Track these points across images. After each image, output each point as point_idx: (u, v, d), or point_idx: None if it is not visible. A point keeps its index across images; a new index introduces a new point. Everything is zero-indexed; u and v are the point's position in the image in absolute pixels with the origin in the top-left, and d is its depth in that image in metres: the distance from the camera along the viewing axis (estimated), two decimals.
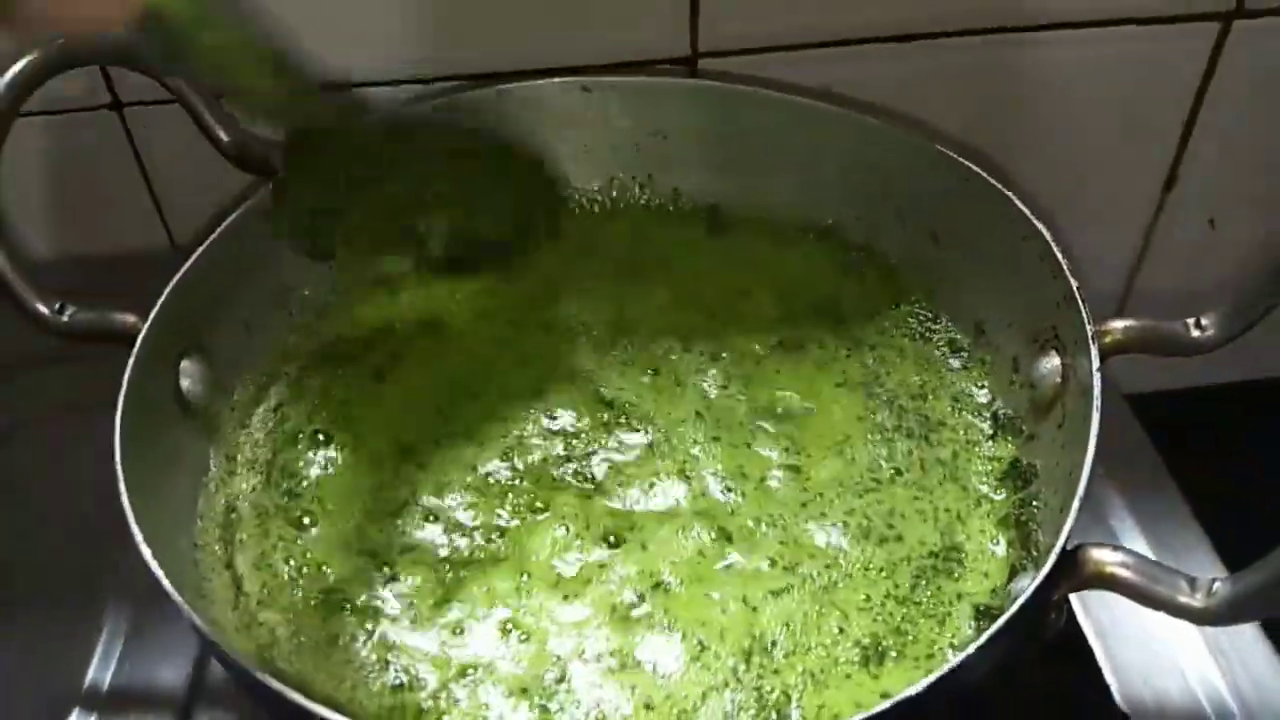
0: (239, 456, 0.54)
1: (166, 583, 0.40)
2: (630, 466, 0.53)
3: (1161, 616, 0.54)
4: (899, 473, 0.52)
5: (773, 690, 0.44)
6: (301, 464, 0.53)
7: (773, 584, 0.48)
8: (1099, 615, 0.55)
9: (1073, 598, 0.55)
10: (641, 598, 0.47)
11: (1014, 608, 0.37)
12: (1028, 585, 0.37)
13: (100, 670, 0.55)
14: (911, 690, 0.34)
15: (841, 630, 0.46)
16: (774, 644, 0.46)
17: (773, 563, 0.49)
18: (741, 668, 0.45)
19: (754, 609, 0.47)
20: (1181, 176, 0.74)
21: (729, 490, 0.52)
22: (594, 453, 0.53)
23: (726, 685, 0.44)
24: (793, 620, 0.47)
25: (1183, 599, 0.36)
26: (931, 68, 0.66)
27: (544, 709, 0.44)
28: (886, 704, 0.34)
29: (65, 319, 0.50)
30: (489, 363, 0.58)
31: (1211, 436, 0.76)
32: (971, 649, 0.35)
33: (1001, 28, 0.65)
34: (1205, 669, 0.53)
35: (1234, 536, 0.54)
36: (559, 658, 0.46)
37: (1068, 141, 0.71)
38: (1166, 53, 0.67)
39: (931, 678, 0.34)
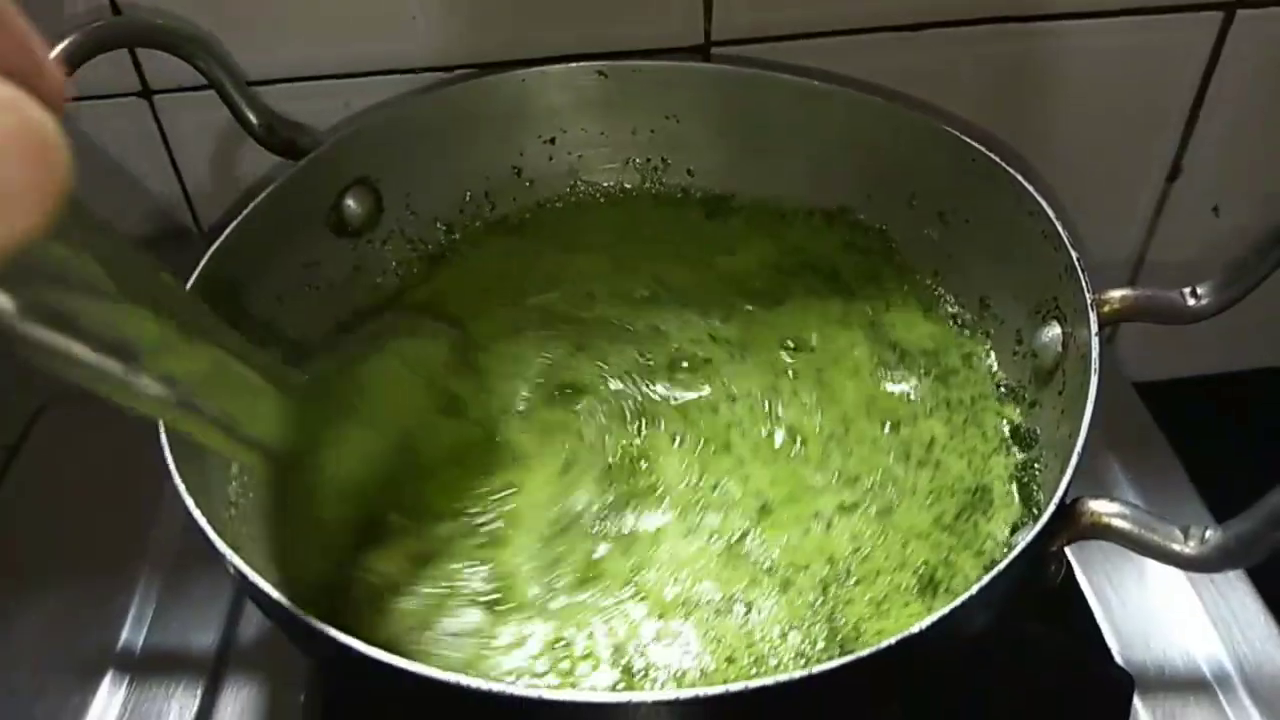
0: None
1: (203, 521, 0.40)
2: (696, 382, 0.56)
3: (1162, 582, 0.56)
4: (927, 408, 0.54)
5: (845, 623, 0.46)
6: None
7: (842, 498, 0.50)
8: (1100, 581, 0.56)
9: (1074, 564, 0.57)
10: (744, 533, 0.49)
11: (1013, 554, 0.38)
12: (1027, 535, 0.39)
13: (133, 633, 0.56)
14: (910, 631, 0.36)
15: (902, 559, 0.48)
16: (848, 572, 0.47)
17: (838, 475, 0.51)
18: (820, 600, 0.46)
19: (828, 525, 0.49)
20: (1186, 165, 0.74)
21: (783, 406, 0.54)
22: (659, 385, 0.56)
23: (804, 620, 0.46)
24: (862, 542, 0.48)
25: (1176, 546, 0.38)
26: (942, 56, 0.67)
27: (627, 669, 0.45)
28: (890, 640, 0.35)
29: None
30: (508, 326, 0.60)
31: (1216, 419, 0.77)
32: (973, 590, 0.37)
33: (1010, 16, 0.66)
34: (1205, 634, 0.54)
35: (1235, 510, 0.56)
36: (661, 614, 0.47)
37: (1074, 131, 0.72)
38: (1171, 42, 0.69)
39: (930, 619, 0.36)
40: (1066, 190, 0.72)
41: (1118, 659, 0.53)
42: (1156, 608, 0.55)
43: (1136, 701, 0.52)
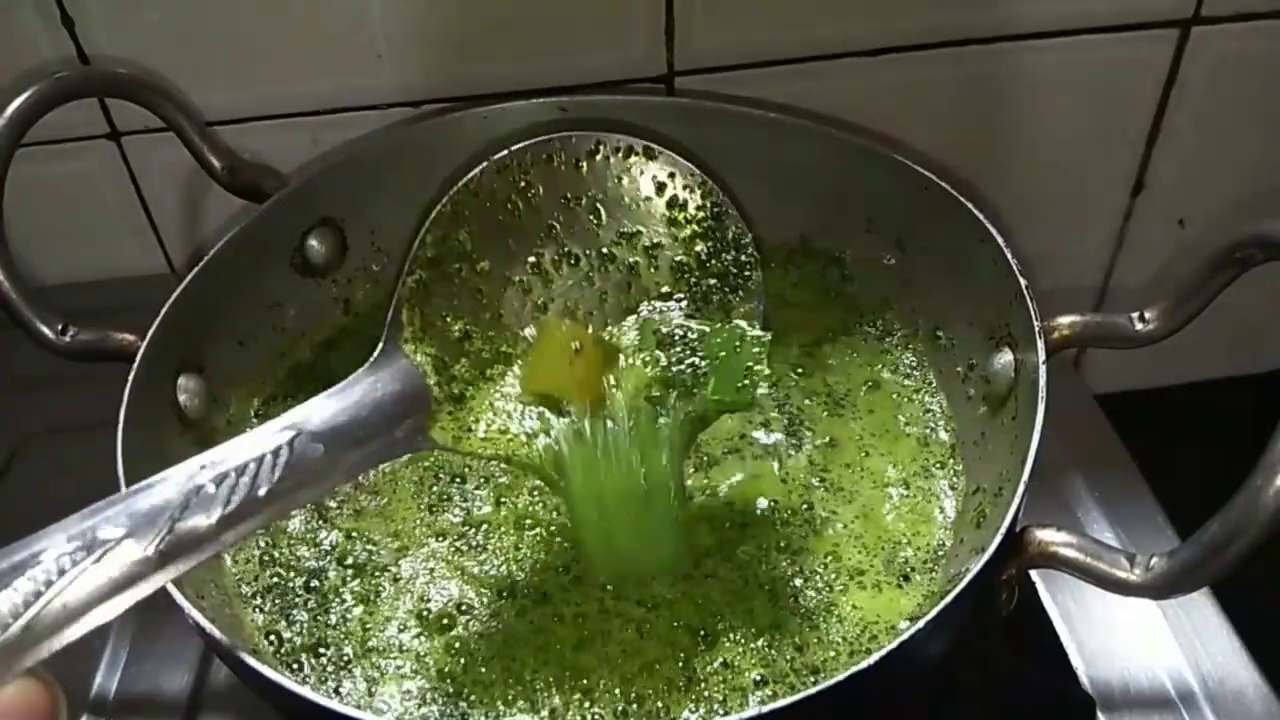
0: None
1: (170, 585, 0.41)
2: None
3: (1126, 599, 0.57)
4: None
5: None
6: None
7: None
8: (1065, 601, 0.57)
9: (1038, 582, 0.57)
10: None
11: (961, 585, 0.38)
12: (975, 565, 0.39)
13: (107, 678, 0.56)
14: (860, 665, 0.36)
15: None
16: None
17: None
18: None
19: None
20: (1149, 180, 0.75)
21: None
22: None
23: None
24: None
25: (1122, 574, 0.38)
26: (903, 81, 0.68)
27: None
28: (840, 676, 0.36)
29: (68, 340, 0.52)
30: None
31: (1180, 432, 0.78)
32: (921, 624, 0.37)
33: (968, 39, 0.67)
34: (1169, 650, 0.55)
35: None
36: None
37: (1037, 150, 0.73)
38: (1129, 60, 0.70)
39: (875, 657, 0.36)
40: (1032, 209, 0.73)
41: (1082, 678, 0.53)
42: (1121, 624, 0.56)
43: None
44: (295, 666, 0.48)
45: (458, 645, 0.48)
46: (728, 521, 0.52)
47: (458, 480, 0.55)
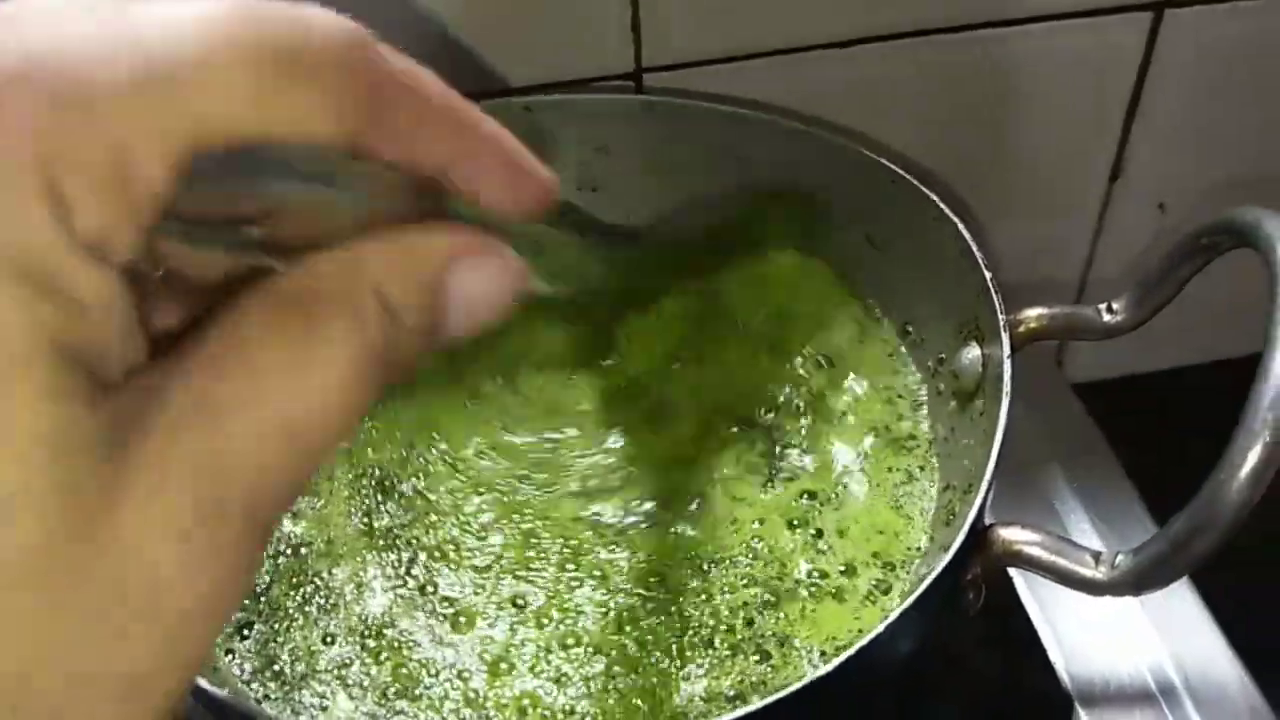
0: None
1: None
2: None
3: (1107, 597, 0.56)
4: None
5: None
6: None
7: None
8: (1044, 597, 0.56)
9: (1016, 580, 0.57)
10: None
11: (923, 586, 0.38)
12: (938, 564, 0.39)
13: None
14: (822, 670, 0.36)
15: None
16: None
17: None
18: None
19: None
20: (1127, 166, 0.75)
21: None
22: None
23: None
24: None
25: (1087, 572, 0.38)
26: (876, 72, 0.68)
27: None
28: (804, 681, 0.35)
29: None
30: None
31: (1158, 421, 0.77)
32: (880, 628, 0.37)
33: (941, 29, 0.66)
34: (1149, 645, 0.54)
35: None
36: None
37: (1013, 139, 0.72)
38: (1103, 45, 0.69)
39: (839, 659, 0.36)
40: (1010, 199, 0.72)
41: (1060, 674, 0.53)
42: (1099, 618, 0.55)
43: (1083, 716, 0.52)
44: (253, 685, 0.47)
45: (402, 659, 0.47)
46: (702, 531, 0.52)
47: (391, 483, 0.54)
